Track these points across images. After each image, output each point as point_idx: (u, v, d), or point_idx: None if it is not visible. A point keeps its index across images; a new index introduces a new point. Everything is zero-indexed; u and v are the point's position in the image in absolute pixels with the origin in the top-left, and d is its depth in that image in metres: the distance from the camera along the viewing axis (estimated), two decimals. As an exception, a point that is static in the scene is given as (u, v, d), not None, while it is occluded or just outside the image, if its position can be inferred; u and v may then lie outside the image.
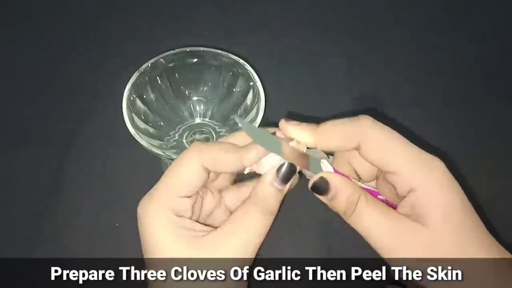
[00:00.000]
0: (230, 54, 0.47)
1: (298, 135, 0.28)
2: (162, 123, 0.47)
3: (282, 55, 0.55)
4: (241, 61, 0.46)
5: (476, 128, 0.53)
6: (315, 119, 0.32)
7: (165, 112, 0.48)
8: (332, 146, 0.28)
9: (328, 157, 0.31)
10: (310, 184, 0.29)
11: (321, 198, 0.29)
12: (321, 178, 0.28)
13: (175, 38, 0.54)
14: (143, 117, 0.45)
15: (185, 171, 0.28)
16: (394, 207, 0.28)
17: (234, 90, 0.48)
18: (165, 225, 0.27)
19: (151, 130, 0.45)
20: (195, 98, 0.50)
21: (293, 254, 0.43)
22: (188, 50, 0.47)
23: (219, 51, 0.47)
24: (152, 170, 0.31)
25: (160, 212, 0.28)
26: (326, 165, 0.30)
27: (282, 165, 0.28)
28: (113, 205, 0.45)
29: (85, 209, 0.45)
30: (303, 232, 0.44)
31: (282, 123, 0.28)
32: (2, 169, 0.47)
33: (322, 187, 0.28)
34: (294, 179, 0.29)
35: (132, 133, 0.42)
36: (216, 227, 0.28)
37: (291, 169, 0.28)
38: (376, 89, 0.56)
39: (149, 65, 0.46)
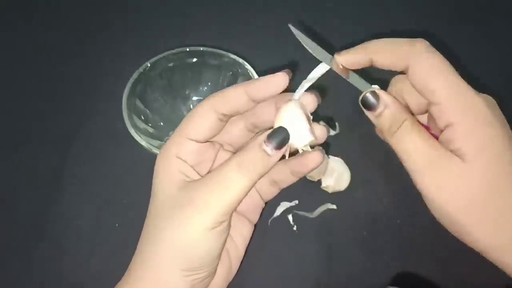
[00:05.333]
0: (230, 54, 0.47)
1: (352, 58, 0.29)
2: (162, 123, 0.47)
3: (282, 54, 0.55)
4: (241, 61, 0.46)
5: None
6: (316, 118, 0.32)
7: (165, 112, 0.48)
8: (382, 61, 0.29)
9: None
10: (360, 98, 0.29)
11: (369, 113, 0.29)
12: (373, 92, 0.28)
13: (175, 38, 0.54)
14: (142, 117, 0.45)
15: (196, 114, 0.30)
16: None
17: (234, 90, 0.48)
18: (166, 168, 0.29)
19: (151, 130, 0.45)
20: (195, 98, 0.50)
21: (293, 254, 0.43)
22: (188, 50, 0.47)
23: (219, 51, 0.47)
24: (152, 170, 0.30)
25: (167, 155, 0.30)
26: (374, 88, 0.29)
27: (276, 129, 0.28)
28: (113, 205, 0.45)
29: (85, 209, 0.44)
30: (303, 232, 0.44)
31: (336, 57, 0.29)
32: (2, 169, 0.47)
33: (372, 101, 0.28)
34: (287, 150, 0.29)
35: (132, 133, 0.42)
36: None
37: (285, 134, 0.28)
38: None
39: (149, 65, 0.46)
